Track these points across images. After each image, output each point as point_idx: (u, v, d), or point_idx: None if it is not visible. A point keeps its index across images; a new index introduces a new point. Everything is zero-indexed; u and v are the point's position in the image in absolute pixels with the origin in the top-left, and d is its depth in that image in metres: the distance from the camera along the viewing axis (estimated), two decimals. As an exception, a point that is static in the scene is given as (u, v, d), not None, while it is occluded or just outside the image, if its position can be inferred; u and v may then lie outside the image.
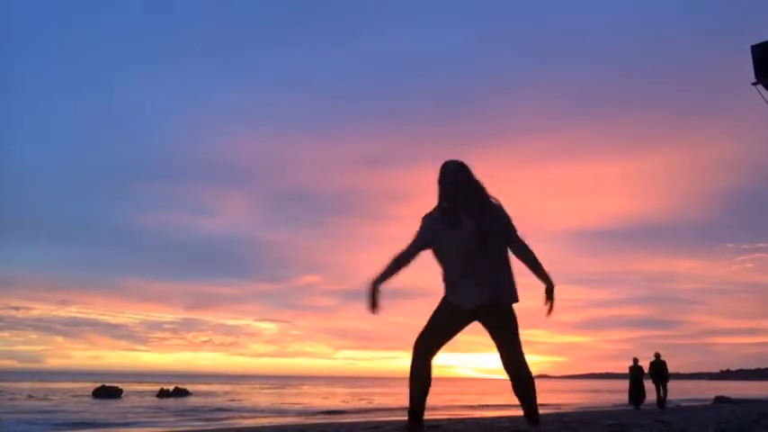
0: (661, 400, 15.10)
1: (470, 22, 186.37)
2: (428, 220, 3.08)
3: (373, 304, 3.00)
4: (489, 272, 2.97)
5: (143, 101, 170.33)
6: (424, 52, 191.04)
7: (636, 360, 15.61)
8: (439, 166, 3.09)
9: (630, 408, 15.07)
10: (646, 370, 15.52)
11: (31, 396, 25.75)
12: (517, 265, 3.09)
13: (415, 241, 3.08)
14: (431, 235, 3.04)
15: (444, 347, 3.10)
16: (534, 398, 3.05)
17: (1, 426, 13.36)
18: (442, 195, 3.06)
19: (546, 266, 3.09)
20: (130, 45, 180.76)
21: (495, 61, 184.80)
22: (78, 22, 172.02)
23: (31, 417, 15.43)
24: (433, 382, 3.04)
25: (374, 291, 3.00)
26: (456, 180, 3.03)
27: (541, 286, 3.06)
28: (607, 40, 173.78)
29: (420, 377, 3.02)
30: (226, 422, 14.72)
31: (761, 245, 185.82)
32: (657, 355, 15.45)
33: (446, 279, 3.06)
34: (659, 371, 15.31)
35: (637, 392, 15.36)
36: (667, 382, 15.42)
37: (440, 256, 3.07)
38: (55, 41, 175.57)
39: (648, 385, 15.42)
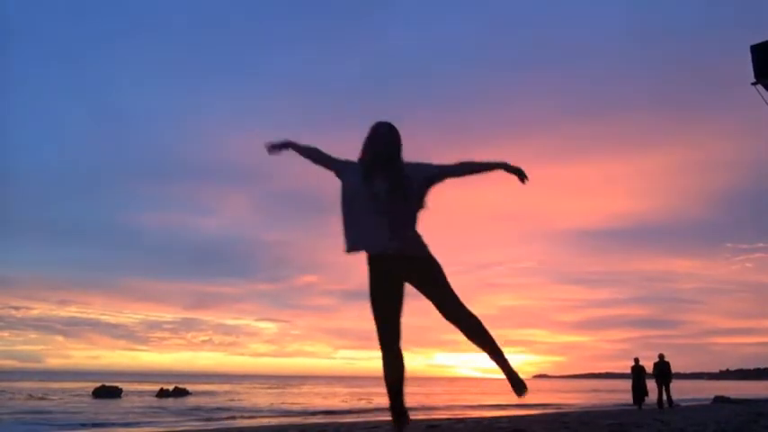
0: (662, 401, 15.21)
1: (470, 22, 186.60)
2: (352, 162, 3.14)
3: (275, 148, 3.28)
4: (392, 225, 2.96)
5: (143, 101, 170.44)
6: (424, 52, 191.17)
7: (637, 360, 15.72)
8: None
9: (633, 407, 15.15)
10: (648, 370, 15.62)
11: (30, 396, 25.73)
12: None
13: (335, 157, 3.21)
14: (346, 169, 3.12)
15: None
16: (494, 340, 3.03)
17: (1, 426, 13.37)
18: (369, 152, 3.07)
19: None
20: (131, 45, 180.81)
21: (494, 61, 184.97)
22: (78, 22, 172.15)
23: (31, 417, 15.43)
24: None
25: (283, 145, 3.29)
26: (390, 141, 3.06)
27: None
28: (607, 40, 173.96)
29: (393, 368, 3.03)
30: (226, 422, 14.73)
31: (760, 245, 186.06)
32: (661, 356, 15.60)
33: (347, 223, 3.03)
34: (663, 371, 15.43)
35: (639, 392, 15.44)
36: (670, 382, 15.53)
37: (346, 200, 3.05)
38: (55, 42, 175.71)
39: (652, 385, 15.53)
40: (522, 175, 3.06)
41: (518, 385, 3.02)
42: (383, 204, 2.95)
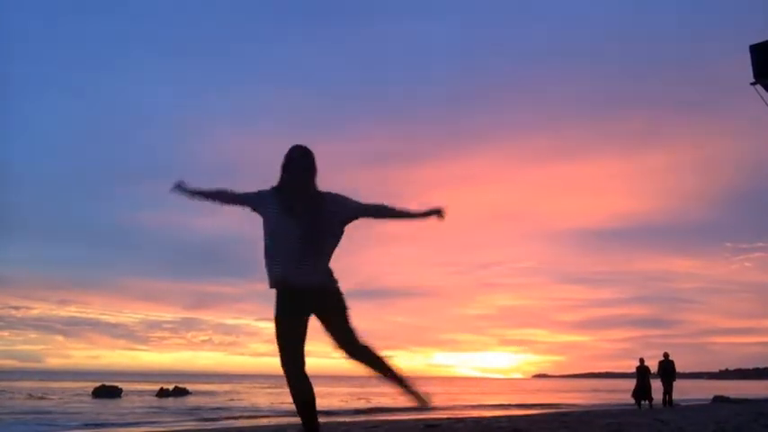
0: (666, 400, 15.41)
1: (471, 19, 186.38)
2: (267, 192, 3.10)
3: (180, 189, 3.19)
4: (312, 259, 2.98)
5: (142, 100, 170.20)
6: (423, 50, 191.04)
7: (642, 360, 15.83)
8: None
9: (636, 407, 15.23)
10: (653, 369, 15.77)
11: (30, 395, 25.74)
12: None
13: (245, 193, 3.14)
14: (260, 202, 3.08)
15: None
16: (394, 367, 3.10)
17: (1, 426, 13.37)
18: (287, 179, 3.06)
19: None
20: (129, 44, 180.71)
21: (494, 61, 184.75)
22: (76, 21, 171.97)
23: (31, 416, 15.43)
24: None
25: (189, 191, 3.19)
26: (305, 166, 3.04)
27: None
28: (607, 38, 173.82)
29: (301, 392, 3.06)
30: (225, 422, 14.74)
31: (760, 244, 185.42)
32: (666, 355, 15.80)
33: (267, 255, 3.05)
34: (667, 370, 15.58)
35: (644, 391, 15.54)
36: (673, 381, 15.67)
37: (267, 233, 3.06)
38: (53, 41, 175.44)
39: (657, 384, 15.67)
40: (439, 214, 3.12)
41: (421, 398, 3.11)
42: (304, 236, 2.95)
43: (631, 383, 16.13)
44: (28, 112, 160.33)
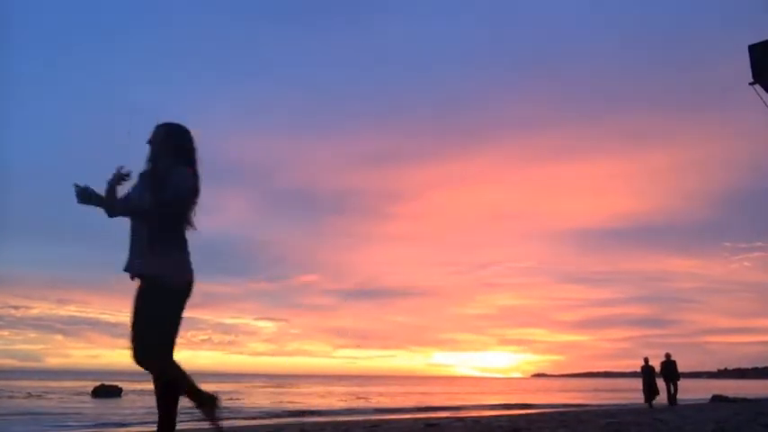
0: (671, 398, 15.62)
1: (469, 19, 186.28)
2: (138, 178, 3.03)
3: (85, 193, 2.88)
4: (156, 244, 2.91)
5: (142, 100, 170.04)
6: (422, 50, 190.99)
7: (647, 359, 16.01)
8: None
9: (644, 406, 15.37)
10: (656, 369, 15.99)
11: (30, 395, 25.74)
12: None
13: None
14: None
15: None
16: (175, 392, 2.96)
17: (0, 425, 13.37)
18: (148, 156, 3.01)
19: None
20: (127, 44, 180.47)
21: (494, 61, 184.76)
22: (75, 21, 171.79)
23: (31, 416, 15.43)
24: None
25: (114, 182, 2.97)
26: (163, 144, 2.98)
27: None
28: (607, 38, 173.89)
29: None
30: (225, 422, 14.72)
31: (758, 244, 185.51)
32: (668, 356, 16.04)
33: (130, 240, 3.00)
34: (669, 370, 15.79)
35: (649, 391, 15.68)
36: (677, 380, 15.90)
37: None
38: (52, 41, 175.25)
39: (661, 384, 15.84)
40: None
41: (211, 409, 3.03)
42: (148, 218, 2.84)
43: (631, 382, 16.30)
44: (28, 112, 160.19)
